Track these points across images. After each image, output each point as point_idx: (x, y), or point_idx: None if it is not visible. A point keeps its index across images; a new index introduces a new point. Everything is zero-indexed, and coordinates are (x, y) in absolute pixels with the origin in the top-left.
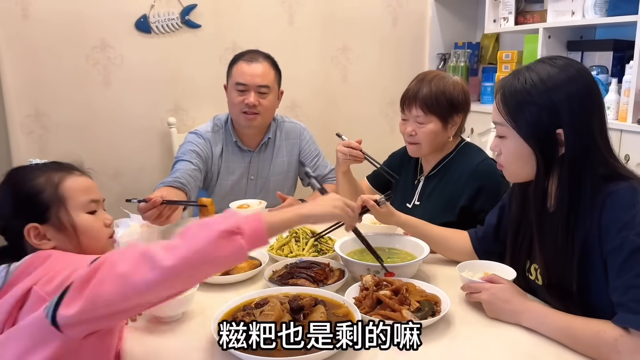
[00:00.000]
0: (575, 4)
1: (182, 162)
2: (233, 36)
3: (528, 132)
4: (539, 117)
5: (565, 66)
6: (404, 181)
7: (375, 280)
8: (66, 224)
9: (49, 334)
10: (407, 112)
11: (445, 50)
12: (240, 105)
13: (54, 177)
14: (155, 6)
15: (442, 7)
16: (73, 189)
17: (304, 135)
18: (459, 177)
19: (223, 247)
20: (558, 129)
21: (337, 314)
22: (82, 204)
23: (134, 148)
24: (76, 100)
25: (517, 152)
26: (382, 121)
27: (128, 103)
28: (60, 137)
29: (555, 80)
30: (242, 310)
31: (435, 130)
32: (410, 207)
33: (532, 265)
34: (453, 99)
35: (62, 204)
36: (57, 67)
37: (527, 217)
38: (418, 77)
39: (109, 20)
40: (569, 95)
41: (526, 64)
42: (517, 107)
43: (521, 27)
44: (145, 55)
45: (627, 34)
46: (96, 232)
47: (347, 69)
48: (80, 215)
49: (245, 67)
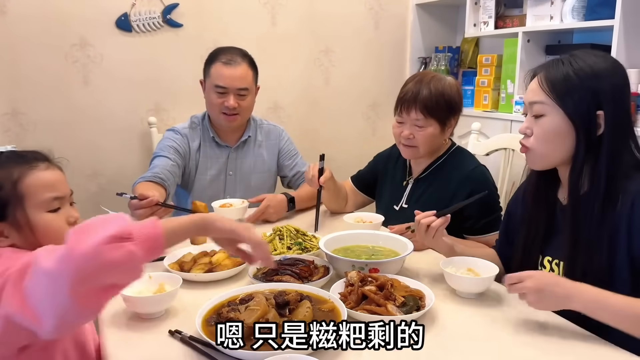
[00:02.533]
0: (553, 9)
1: (160, 158)
2: (215, 36)
3: (572, 107)
4: (583, 95)
5: (607, 57)
6: (391, 182)
7: (361, 276)
8: (23, 224)
9: None
10: (404, 115)
11: (426, 54)
12: (220, 107)
13: (14, 173)
14: (137, 5)
15: (423, 11)
16: (34, 186)
17: (282, 136)
18: (450, 182)
19: (110, 253)
20: (599, 111)
21: (323, 309)
22: (43, 202)
23: (113, 148)
24: (54, 99)
25: (555, 130)
26: (363, 123)
27: (108, 102)
28: (37, 136)
29: (601, 66)
30: (227, 306)
31: (434, 133)
32: (397, 209)
33: (546, 258)
34: (451, 100)
35: (20, 203)
36: (35, 65)
37: (539, 211)
38: (415, 79)
39: (89, 18)
40: (613, 81)
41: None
42: (563, 84)
43: (501, 31)
44: (126, 54)
45: (603, 38)
46: (56, 232)
47: (329, 71)
48: (40, 214)
49: (224, 70)
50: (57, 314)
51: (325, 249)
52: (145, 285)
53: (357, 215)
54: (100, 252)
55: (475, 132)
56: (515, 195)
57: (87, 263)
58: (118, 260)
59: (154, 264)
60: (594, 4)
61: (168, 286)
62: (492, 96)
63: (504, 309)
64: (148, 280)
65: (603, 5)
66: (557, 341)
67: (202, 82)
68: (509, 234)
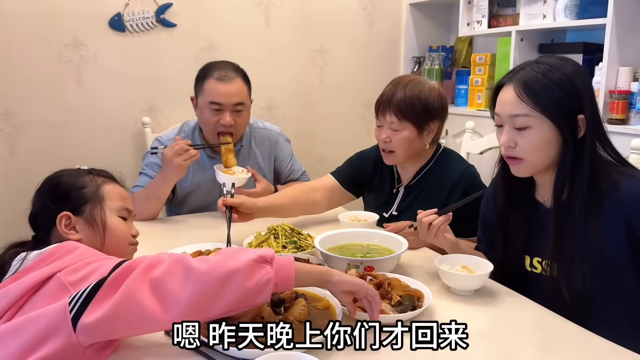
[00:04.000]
0: (546, 8)
1: (144, 178)
2: (209, 36)
3: (556, 114)
4: (564, 100)
5: (566, 59)
6: (379, 188)
7: (359, 275)
8: (98, 221)
9: (63, 329)
10: (381, 118)
11: (420, 53)
12: (216, 125)
13: (98, 179)
14: (130, 4)
15: (417, 10)
16: (112, 193)
17: (278, 142)
18: (441, 187)
19: (255, 271)
20: (579, 112)
21: (318, 307)
22: (117, 208)
23: (107, 148)
24: (47, 99)
25: (543, 138)
26: (358, 123)
27: (101, 102)
28: (30, 136)
29: (568, 69)
30: None
31: (410, 137)
32: (387, 217)
33: (535, 259)
34: (429, 104)
35: (100, 203)
36: (28, 64)
37: (514, 212)
38: (393, 82)
39: (82, 18)
40: (584, 82)
41: (498, 64)
42: (544, 92)
43: (494, 30)
44: (119, 54)
45: (596, 37)
46: (122, 235)
47: (324, 70)
48: (113, 216)
49: (219, 87)
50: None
51: (320, 247)
52: None
53: (352, 213)
54: (248, 267)
55: (469, 130)
56: (485, 199)
57: (235, 273)
58: (258, 277)
59: None
60: (586, 2)
61: None
62: (485, 95)
63: (498, 306)
64: None
65: (595, 4)
66: (552, 338)
67: (194, 98)
68: (489, 237)
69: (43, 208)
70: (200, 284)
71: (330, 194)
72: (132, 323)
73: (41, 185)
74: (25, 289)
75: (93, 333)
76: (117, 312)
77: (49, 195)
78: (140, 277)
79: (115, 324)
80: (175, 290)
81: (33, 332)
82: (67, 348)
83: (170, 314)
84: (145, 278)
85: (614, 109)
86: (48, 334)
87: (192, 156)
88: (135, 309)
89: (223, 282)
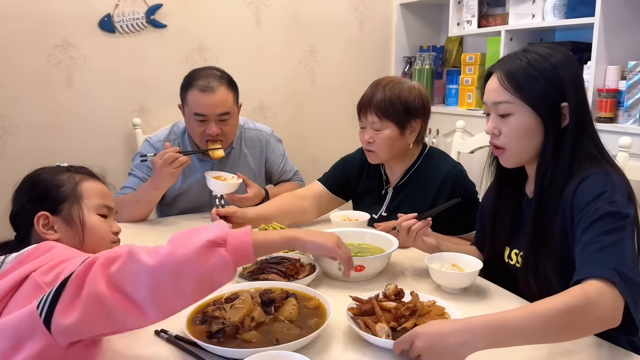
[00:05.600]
0: (535, 7)
1: (133, 179)
2: (199, 37)
3: (538, 102)
4: (547, 89)
5: (557, 48)
6: (367, 191)
7: (397, 290)
8: (76, 219)
9: (38, 332)
10: (363, 119)
11: (410, 53)
12: (202, 134)
13: (76, 177)
14: (120, 5)
15: (407, 11)
16: (91, 190)
17: (269, 143)
18: (429, 186)
19: (207, 257)
20: (563, 102)
21: (308, 306)
22: (96, 205)
23: (97, 149)
24: (37, 101)
25: (524, 126)
26: (349, 123)
27: (92, 104)
28: (20, 138)
29: (556, 58)
30: (212, 305)
31: (392, 136)
32: (376, 218)
33: (513, 251)
34: (409, 103)
35: (77, 201)
36: (17, 66)
37: (505, 204)
38: (373, 83)
39: (71, 19)
40: (571, 72)
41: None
42: (526, 80)
43: (484, 29)
44: (110, 55)
45: (584, 36)
46: (102, 234)
47: (315, 71)
48: (92, 215)
49: (202, 98)
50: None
51: None
52: None
53: (344, 213)
54: (198, 254)
55: (459, 130)
56: (487, 191)
57: (186, 263)
58: (212, 263)
59: None
60: (574, 2)
61: None
62: (476, 94)
63: (488, 303)
64: None
65: (583, 3)
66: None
67: (181, 107)
68: (483, 229)
69: (22, 208)
70: (154, 280)
71: (318, 201)
72: (107, 322)
73: (20, 185)
74: (4, 291)
75: (70, 334)
76: (87, 313)
77: (27, 195)
78: (100, 274)
79: (90, 325)
80: (134, 289)
81: (8, 336)
82: (49, 348)
83: (145, 313)
84: (104, 275)
85: (603, 107)
86: (24, 338)
87: (182, 163)
88: (103, 308)
89: (176, 275)
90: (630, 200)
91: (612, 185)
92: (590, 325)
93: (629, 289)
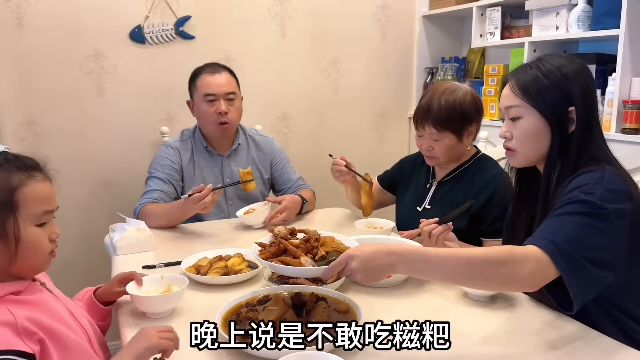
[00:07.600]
0: (559, 19)
1: (156, 181)
2: (226, 48)
3: (546, 107)
4: (556, 97)
5: (572, 58)
6: (415, 184)
7: (290, 230)
8: (10, 235)
9: None
10: (420, 130)
11: (432, 64)
12: (213, 116)
13: (13, 180)
14: (150, 17)
15: (430, 22)
16: (30, 198)
17: (274, 146)
18: (473, 185)
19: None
20: (570, 107)
21: (339, 310)
22: (35, 215)
23: (126, 157)
24: (69, 109)
25: (532, 129)
26: (371, 133)
27: (121, 112)
28: (51, 145)
29: (568, 68)
30: (245, 307)
31: (450, 144)
32: (420, 210)
33: None
34: (464, 111)
35: (12, 212)
36: (50, 75)
37: (522, 206)
38: (428, 94)
39: (103, 30)
40: (581, 81)
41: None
42: (536, 87)
43: (507, 41)
44: (139, 65)
45: (609, 47)
46: (39, 247)
47: (337, 81)
48: (29, 227)
49: (210, 79)
50: None
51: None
52: (154, 285)
53: (368, 221)
54: None
55: (482, 140)
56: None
57: None
58: None
59: (172, 267)
60: (599, 14)
61: (175, 287)
62: (498, 105)
63: (517, 311)
64: (159, 280)
65: (608, 15)
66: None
67: (189, 102)
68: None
69: None
70: None
71: (375, 194)
72: None
73: None
74: None
75: None
76: None
77: None
78: None
79: None
80: None
81: None
82: None
83: None
84: None
85: (628, 119)
86: None
87: (213, 200)
88: None
89: None
90: (623, 198)
91: (601, 181)
92: (505, 280)
93: (566, 263)
